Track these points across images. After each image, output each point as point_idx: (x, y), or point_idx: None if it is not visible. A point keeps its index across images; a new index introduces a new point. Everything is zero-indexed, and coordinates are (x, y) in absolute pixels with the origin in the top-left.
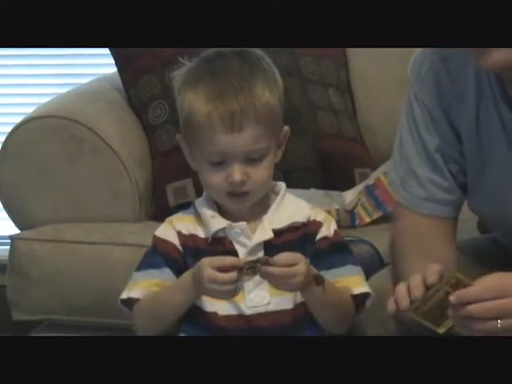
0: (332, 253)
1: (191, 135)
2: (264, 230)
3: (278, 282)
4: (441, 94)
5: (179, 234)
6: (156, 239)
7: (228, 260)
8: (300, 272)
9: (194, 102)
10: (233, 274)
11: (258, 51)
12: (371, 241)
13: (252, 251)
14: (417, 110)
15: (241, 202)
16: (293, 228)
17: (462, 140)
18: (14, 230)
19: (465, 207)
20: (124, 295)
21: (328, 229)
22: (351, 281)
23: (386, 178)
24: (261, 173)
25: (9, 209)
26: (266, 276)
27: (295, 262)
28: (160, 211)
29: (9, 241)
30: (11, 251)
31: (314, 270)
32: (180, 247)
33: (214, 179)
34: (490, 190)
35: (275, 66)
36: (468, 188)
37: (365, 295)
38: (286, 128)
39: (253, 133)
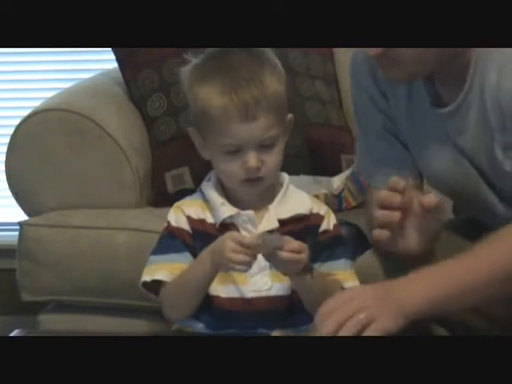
0: (330, 246)
1: (206, 128)
2: (270, 220)
3: (281, 265)
4: (376, 79)
5: (188, 218)
6: (172, 227)
7: (247, 239)
8: (303, 260)
9: (209, 97)
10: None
11: None
12: (357, 223)
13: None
14: (361, 97)
15: (256, 187)
16: (296, 219)
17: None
18: (22, 217)
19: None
20: (147, 278)
21: (328, 223)
22: (344, 275)
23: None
24: (274, 158)
25: (17, 196)
26: (274, 259)
27: (301, 251)
28: (160, 197)
29: (18, 227)
30: (20, 236)
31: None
32: (190, 231)
33: (231, 167)
34: (430, 169)
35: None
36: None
37: None
38: (290, 115)
39: (265, 121)
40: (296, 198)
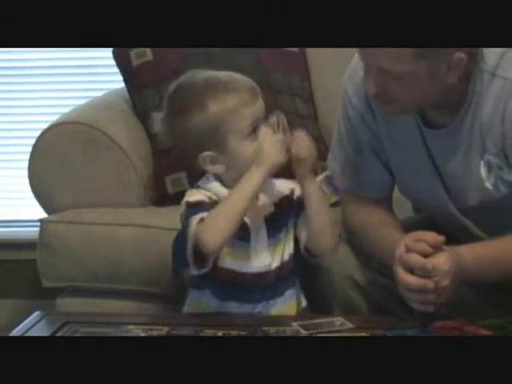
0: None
1: (224, 132)
2: (264, 202)
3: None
4: (370, 101)
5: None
6: (191, 202)
7: None
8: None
9: (220, 104)
10: None
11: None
12: None
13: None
14: (351, 113)
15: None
16: (282, 199)
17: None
18: (42, 214)
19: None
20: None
21: (299, 189)
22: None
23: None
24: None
25: (38, 197)
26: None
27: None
28: (160, 198)
29: (39, 223)
30: (40, 231)
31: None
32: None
33: (251, 149)
34: (407, 184)
35: (251, 80)
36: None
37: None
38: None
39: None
40: (278, 185)
